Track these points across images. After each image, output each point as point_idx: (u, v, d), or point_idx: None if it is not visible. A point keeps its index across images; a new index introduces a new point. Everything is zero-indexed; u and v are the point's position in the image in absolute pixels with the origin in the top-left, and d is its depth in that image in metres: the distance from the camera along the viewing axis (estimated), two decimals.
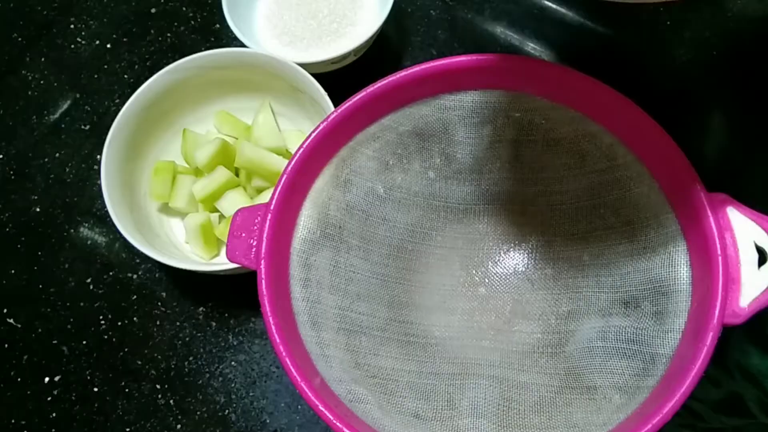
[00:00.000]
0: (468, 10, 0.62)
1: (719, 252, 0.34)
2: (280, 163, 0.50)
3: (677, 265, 0.37)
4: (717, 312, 0.32)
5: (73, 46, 0.64)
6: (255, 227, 0.38)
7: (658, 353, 0.36)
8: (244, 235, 0.38)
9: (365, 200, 0.43)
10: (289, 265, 0.39)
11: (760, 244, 0.34)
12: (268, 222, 0.37)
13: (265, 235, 0.37)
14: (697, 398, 0.39)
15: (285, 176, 0.38)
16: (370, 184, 0.43)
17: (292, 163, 0.38)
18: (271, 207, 0.37)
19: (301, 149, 0.38)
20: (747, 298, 0.33)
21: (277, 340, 0.34)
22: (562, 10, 0.60)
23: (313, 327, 0.38)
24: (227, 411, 0.49)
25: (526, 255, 0.45)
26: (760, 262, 0.34)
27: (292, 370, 0.34)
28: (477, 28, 0.61)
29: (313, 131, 0.39)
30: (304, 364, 0.35)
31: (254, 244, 0.37)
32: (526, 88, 0.40)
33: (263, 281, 0.36)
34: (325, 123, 0.39)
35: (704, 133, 0.53)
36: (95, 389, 0.50)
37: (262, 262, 0.36)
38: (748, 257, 0.34)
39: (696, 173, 0.35)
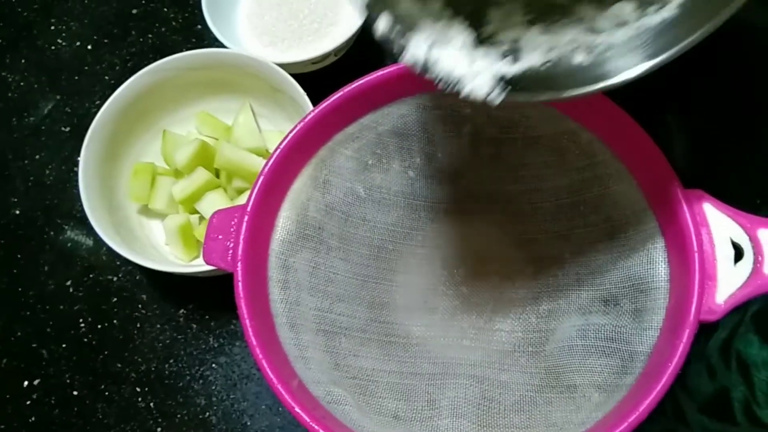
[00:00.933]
0: None
1: (695, 249, 0.33)
2: (260, 164, 0.49)
3: (655, 263, 0.36)
4: (693, 309, 0.32)
5: (53, 48, 0.63)
6: (232, 229, 0.37)
7: (637, 351, 0.35)
8: (221, 237, 0.37)
9: (345, 201, 0.42)
10: (267, 266, 0.38)
11: (736, 240, 0.34)
12: (245, 224, 0.37)
13: (242, 237, 0.36)
14: (690, 389, 0.39)
15: (262, 177, 0.37)
16: (350, 184, 0.42)
17: (269, 164, 0.38)
18: (248, 209, 0.37)
19: (278, 150, 0.38)
20: (723, 294, 0.33)
21: (254, 343, 0.34)
22: None
23: (292, 329, 0.38)
24: (208, 413, 0.48)
25: (507, 253, 0.44)
26: (737, 259, 0.34)
27: (269, 372, 0.33)
28: None
29: (290, 132, 0.38)
30: (282, 366, 0.35)
31: (231, 246, 0.37)
32: None
33: (240, 283, 0.35)
34: (302, 123, 0.38)
35: (681, 130, 0.54)
36: (75, 393, 0.50)
37: (239, 264, 0.36)
38: (724, 253, 0.34)
39: (672, 170, 0.35)
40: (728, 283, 0.33)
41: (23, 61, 0.62)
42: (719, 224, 0.34)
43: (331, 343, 0.39)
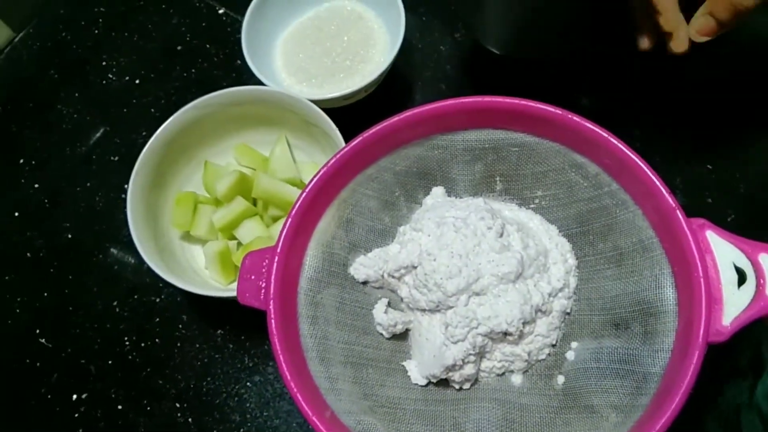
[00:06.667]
0: (475, 44, 0.62)
1: (701, 274, 0.35)
2: (295, 194, 0.51)
3: (663, 287, 0.38)
4: (701, 331, 0.34)
5: (104, 82, 0.66)
6: (263, 269, 0.39)
7: (650, 372, 0.36)
8: (253, 277, 0.39)
9: (367, 238, 0.44)
10: (297, 303, 0.40)
11: (738, 265, 0.35)
12: (275, 264, 0.38)
13: (273, 277, 0.38)
14: None
15: (290, 220, 0.39)
16: (371, 222, 0.44)
17: (296, 207, 0.39)
18: (278, 250, 0.38)
19: (304, 194, 0.40)
20: (729, 316, 0.34)
21: (288, 377, 0.36)
22: None
23: (322, 362, 0.39)
24: (242, 430, 0.50)
25: None
26: (740, 282, 0.35)
27: (304, 405, 0.35)
28: (483, 62, 0.63)
29: (313, 177, 0.40)
30: (315, 399, 0.37)
31: (263, 285, 0.38)
32: (512, 126, 0.42)
33: (272, 321, 0.37)
34: (324, 169, 0.40)
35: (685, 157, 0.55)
36: (119, 407, 0.52)
37: (271, 302, 0.37)
38: (728, 278, 0.35)
39: (675, 201, 0.36)
40: (733, 305, 0.34)
41: (76, 94, 0.66)
42: (722, 250, 0.35)
43: (359, 374, 0.41)
